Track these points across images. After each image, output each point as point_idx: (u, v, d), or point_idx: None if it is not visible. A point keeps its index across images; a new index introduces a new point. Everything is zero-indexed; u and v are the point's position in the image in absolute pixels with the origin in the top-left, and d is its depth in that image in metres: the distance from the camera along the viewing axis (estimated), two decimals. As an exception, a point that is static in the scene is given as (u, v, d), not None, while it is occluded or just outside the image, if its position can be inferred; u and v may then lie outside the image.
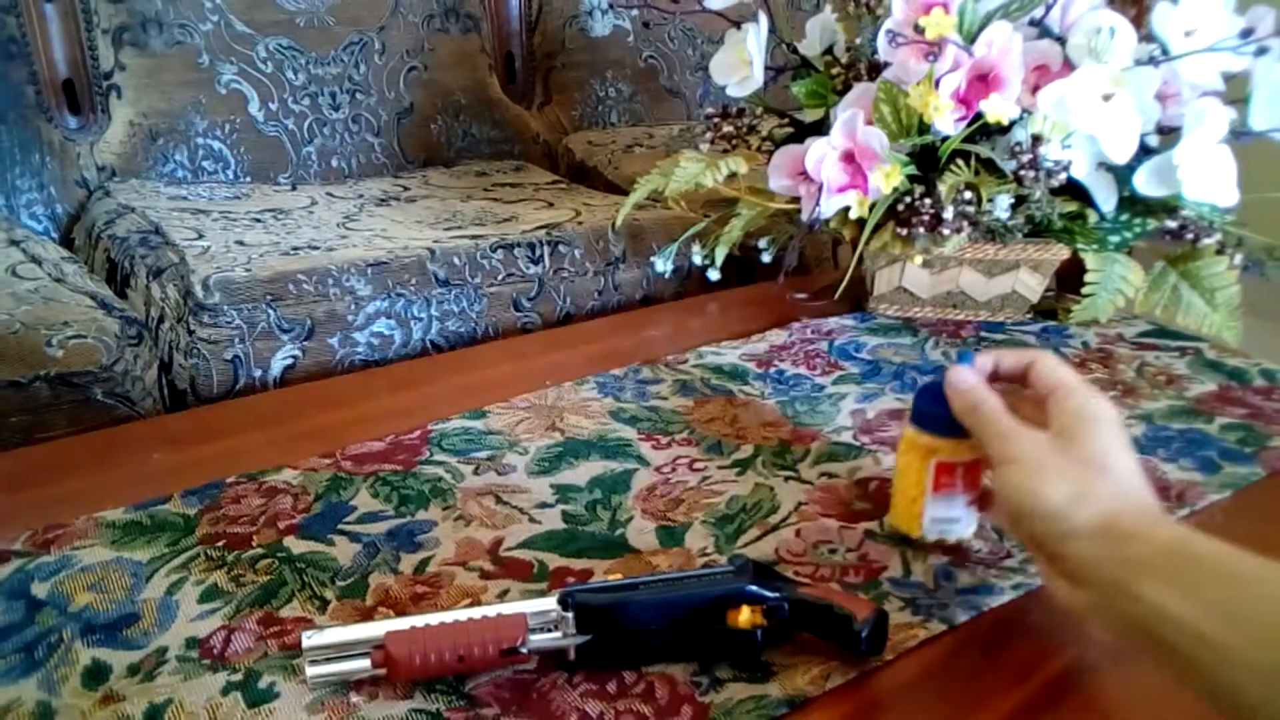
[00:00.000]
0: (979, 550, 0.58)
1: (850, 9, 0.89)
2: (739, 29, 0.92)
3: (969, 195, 0.81)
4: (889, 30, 0.81)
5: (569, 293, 1.11)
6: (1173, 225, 0.84)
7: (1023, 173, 0.79)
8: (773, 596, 0.49)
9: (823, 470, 0.67)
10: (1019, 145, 0.80)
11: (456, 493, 0.63)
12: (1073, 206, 0.85)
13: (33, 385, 0.84)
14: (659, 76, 1.73)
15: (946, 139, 0.81)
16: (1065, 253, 0.87)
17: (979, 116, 0.78)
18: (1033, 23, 0.84)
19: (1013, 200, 0.81)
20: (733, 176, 0.90)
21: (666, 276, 1.15)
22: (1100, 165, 0.83)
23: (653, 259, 1.09)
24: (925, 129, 0.81)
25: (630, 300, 1.16)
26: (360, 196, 1.34)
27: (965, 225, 0.81)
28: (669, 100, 1.74)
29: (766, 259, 0.99)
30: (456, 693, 0.47)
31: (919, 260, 0.85)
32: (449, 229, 1.17)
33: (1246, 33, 0.78)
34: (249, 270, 0.98)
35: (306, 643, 0.46)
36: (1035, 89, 0.80)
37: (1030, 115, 0.80)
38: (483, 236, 1.11)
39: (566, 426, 0.72)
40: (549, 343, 0.94)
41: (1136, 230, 0.84)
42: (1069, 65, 0.80)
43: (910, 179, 0.82)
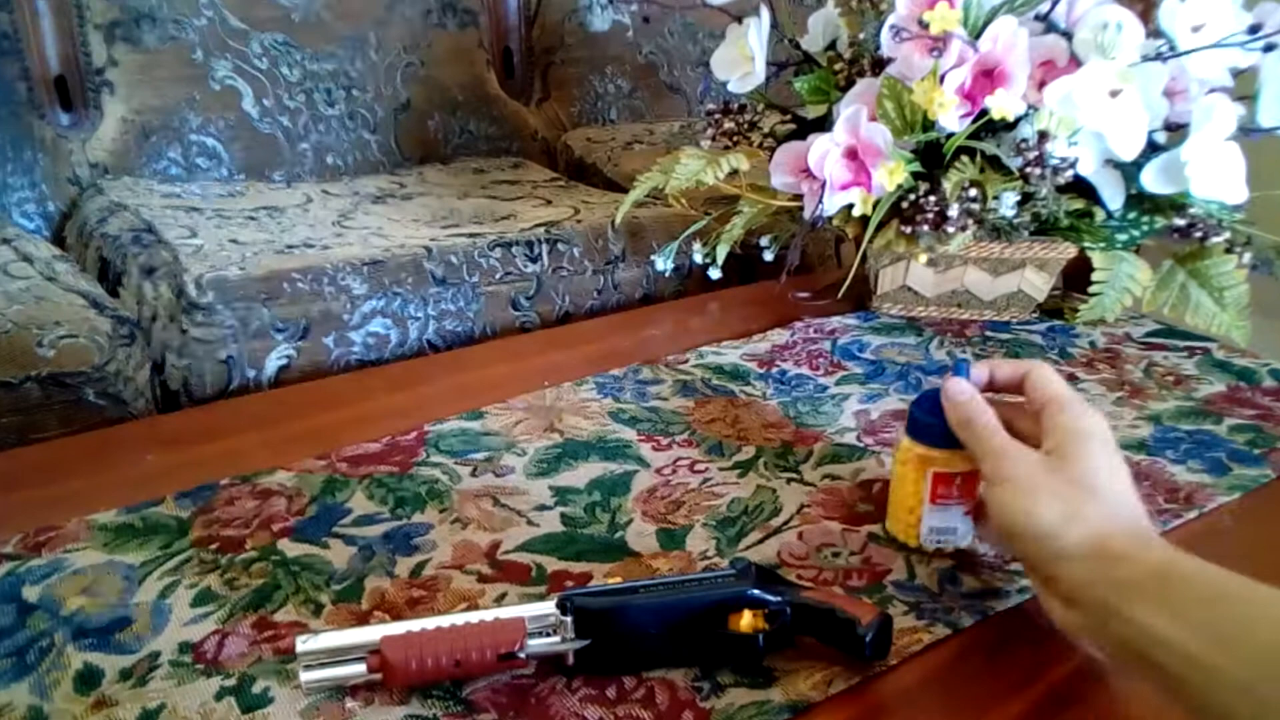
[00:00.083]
0: (984, 554, 0.57)
1: (854, 3, 0.88)
2: (740, 24, 0.92)
3: (974, 193, 0.80)
4: (893, 25, 0.80)
5: (568, 292, 1.11)
6: (1181, 223, 0.83)
7: (1029, 170, 0.79)
8: (775, 600, 0.48)
9: (825, 472, 0.66)
10: (1025, 142, 0.79)
11: (453, 495, 0.63)
12: (1079, 204, 0.84)
13: (24, 386, 0.83)
14: (659, 72, 1.72)
15: (951, 135, 0.80)
16: (1072, 251, 0.86)
17: (984, 113, 0.78)
18: (1038, 17, 0.83)
19: (1018, 198, 0.81)
20: (734, 174, 0.89)
21: (667, 275, 1.14)
22: (1107, 162, 0.82)
23: (653, 257, 1.09)
24: (930, 125, 0.80)
25: (630, 299, 1.15)
26: (356, 194, 1.33)
27: (970, 223, 0.81)
28: (669, 96, 1.73)
29: (768, 257, 0.98)
30: (453, 698, 0.46)
31: (923, 259, 0.84)
32: (446, 227, 1.16)
33: (1255, 28, 0.77)
34: (243, 269, 0.97)
35: (301, 647, 0.46)
36: (1041, 85, 0.79)
37: (1036, 111, 0.79)
38: (480, 234, 1.10)
39: (565, 427, 0.71)
40: (547, 342, 0.93)
41: (1144, 228, 0.84)
42: (1075, 61, 0.79)
43: (914, 176, 0.81)
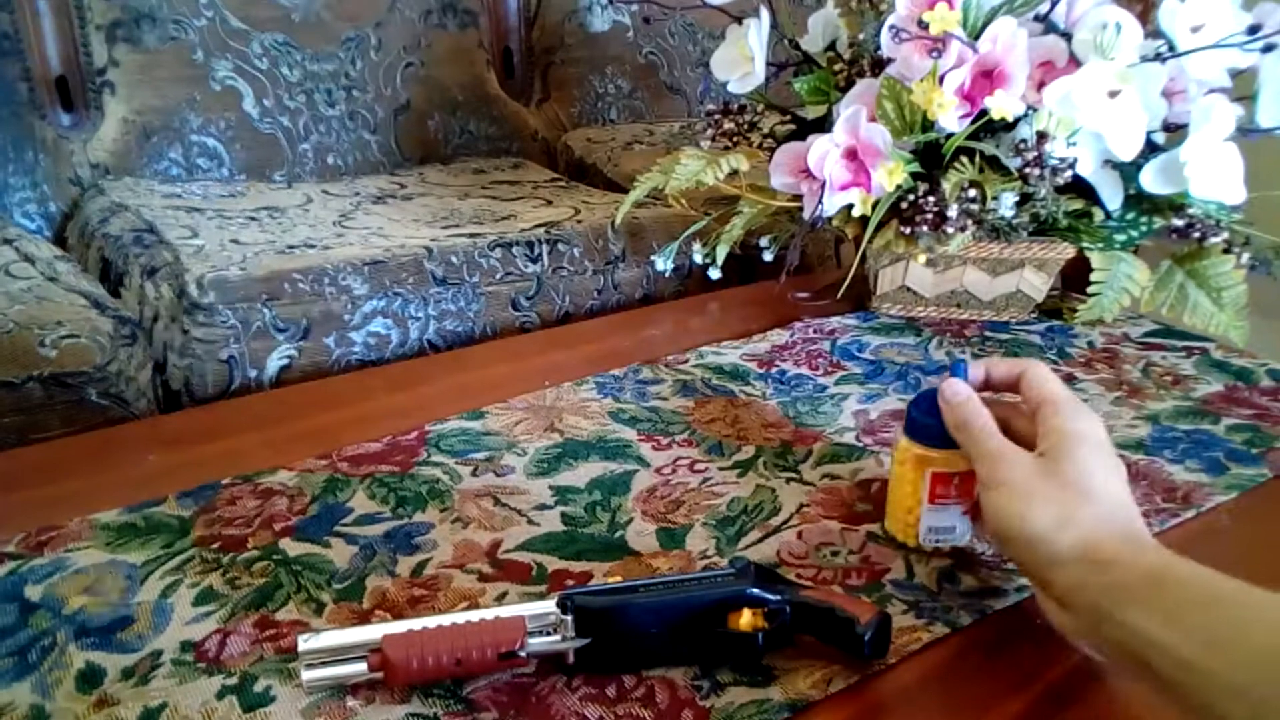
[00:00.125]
0: (983, 553, 0.57)
1: (853, 4, 0.89)
2: (740, 24, 0.92)
3: (973, 193, 0.80)
4: (892, 25, 0.80)
5: (568, 292, 1.11)
6: (1179, 223, 0.83)
7: (1028, 170, 0.79)
8: (774, 599, 0.48)
9: (825, 471, 0.66)
10: (1024, 142, 0.79)
11: (454, 494, 0.63)
12: (1078, 204, 0.84)
13: (26, 386, 0.83)
14: (659, 72, 1.72)
15: (951, 136, 0.80)
16: (1070, 251, 0.86)
17: (984, 113, 0.78)
18: (1038, 18, 0.83)
19: (1018, 198, 0.81)
20: (734, 174, 0.89)
21: (667, 275, 1.14)
22: (1106, 162, 0.82)
23: (653, 258, 1.09)
24: (929, 126, 0.80)
25: (630, 299, 1.15)
26: (357, 194, 1.33)
27: (969, 223, 0.81)
28: (669, 97, 1.73)
29: (768, 257, 0.98)
30: (454, 697, 0.47)
31: (922, 259, 0.84)
32: (446, 227, 1.16)
33: (1254, 29, 0.78)
34: (244, 269, 0.97)
35: (303, 646, 0.46)
36: (1040, 85, 0.79)
37: (1035, 112, 0.79)
38: (481, 235, 1.11)
39: (565, 427, 0.71)
40: (548, 342, 0.93)
41: (1143, 228, 0.84)
42: (1074, 61, 0.80)
43: (914, 176, 0.81)
